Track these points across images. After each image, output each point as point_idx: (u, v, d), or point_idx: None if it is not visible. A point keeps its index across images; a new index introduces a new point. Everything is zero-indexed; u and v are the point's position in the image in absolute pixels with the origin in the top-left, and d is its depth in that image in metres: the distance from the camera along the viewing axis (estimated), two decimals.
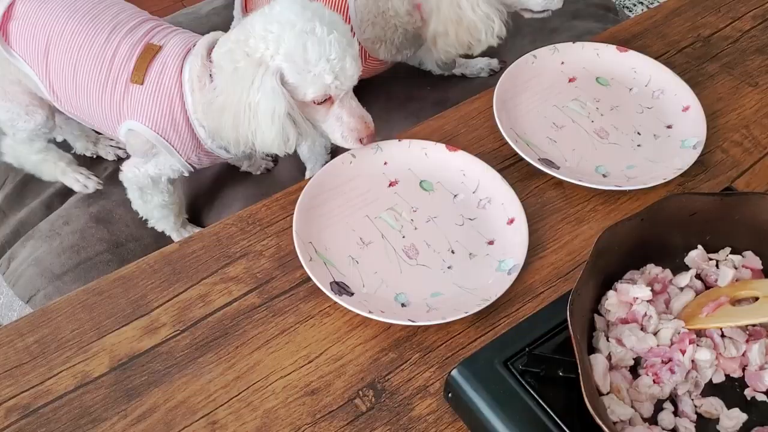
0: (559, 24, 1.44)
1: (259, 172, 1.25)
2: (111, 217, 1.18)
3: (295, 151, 1.24)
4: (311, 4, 0.85)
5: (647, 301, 0.66)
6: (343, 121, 0.89)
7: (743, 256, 0.72)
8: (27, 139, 1.10)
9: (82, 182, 1.17)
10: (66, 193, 1.22)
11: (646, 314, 0.66)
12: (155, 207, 1.08)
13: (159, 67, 0.94)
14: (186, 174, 1.03)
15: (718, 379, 0.65)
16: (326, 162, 0.96)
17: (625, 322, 0.66)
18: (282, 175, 1.25)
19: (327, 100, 0.87)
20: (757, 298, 0.66)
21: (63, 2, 0.99)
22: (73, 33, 0.96)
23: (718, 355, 0.65)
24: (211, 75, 0.90)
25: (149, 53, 0.94)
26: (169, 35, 0.97)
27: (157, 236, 1.16)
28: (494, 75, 1.37)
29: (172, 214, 1.11)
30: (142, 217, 1.13)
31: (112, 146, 1.28)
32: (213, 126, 0.90)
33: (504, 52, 1.35)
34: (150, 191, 1.05)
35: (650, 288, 0.67)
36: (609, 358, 0.64)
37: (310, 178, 0.87)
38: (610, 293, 0.68)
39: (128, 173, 1.04)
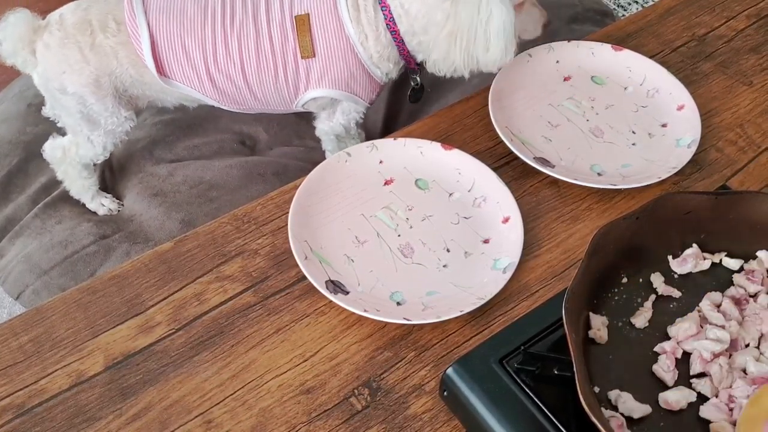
0: (558, 27, 1.45)
1: None
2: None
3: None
4: None
5: None
6: (532, 14, 1.01)
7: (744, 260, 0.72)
8: (102, 146, 1.08)
9: (107, 206, 1.19)
10: (50, 187, 1.21)
11: None
12: None
13: (321, 33, 0.97)
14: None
15: None
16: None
17: None
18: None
19: (522, 2, 0.99)
20: None
21: (190, 14, 0.97)
22: (224, 38, 0.97)
23: None
24: (388, 21, 0.96)
25: (303, 25, 0.97)
26: (302, 1, 0.99)
27: (140, 223, 1.16)
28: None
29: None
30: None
31: None
32: (441, 55, 0.96)
33: None
34: (345, 139, 1.15)
35: None
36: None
37: (305, 177, 0.87)
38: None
39: (324, 126, 1.12)
